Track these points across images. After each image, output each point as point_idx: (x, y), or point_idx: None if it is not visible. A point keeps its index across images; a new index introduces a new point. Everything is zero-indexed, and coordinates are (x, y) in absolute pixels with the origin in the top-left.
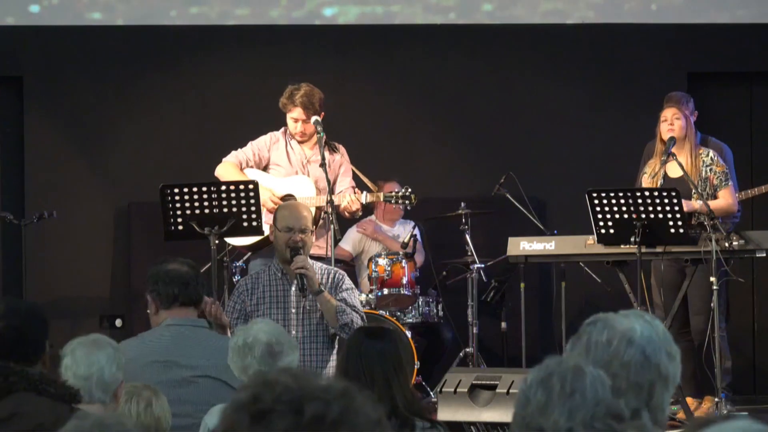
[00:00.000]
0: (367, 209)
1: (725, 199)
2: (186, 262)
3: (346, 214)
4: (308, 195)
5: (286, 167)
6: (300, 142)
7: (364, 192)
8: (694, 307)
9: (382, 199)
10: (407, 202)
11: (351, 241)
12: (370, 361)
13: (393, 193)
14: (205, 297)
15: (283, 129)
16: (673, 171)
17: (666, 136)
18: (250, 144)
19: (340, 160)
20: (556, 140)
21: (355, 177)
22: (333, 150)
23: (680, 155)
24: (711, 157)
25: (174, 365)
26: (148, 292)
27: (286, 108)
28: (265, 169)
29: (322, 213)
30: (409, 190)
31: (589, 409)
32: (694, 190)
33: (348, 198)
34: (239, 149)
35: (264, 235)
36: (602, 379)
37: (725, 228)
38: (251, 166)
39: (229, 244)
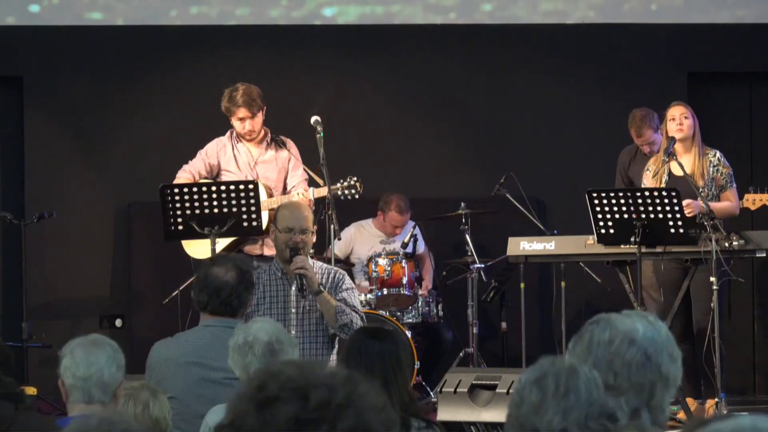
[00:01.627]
0: (368, 209)
1: (730, 200)
2: (235, 265)
3: None
4: (261, 199)
5: (235, 171)
6: (249, 141)
7: (311, 188)
8: (699, 309)
9: (328, 193)
10: (353, 191)
11: (338, 243)
12: (369, 361)
13: (339, 185)
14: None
15: (228, 133)
16: (677, 169)
17: (677, 136)
18: (198, 154)
19: (288, 155)
20: (556, 140)
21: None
22: (280, 146)
23: (687, 155)
24: (718, 158)
25: (207, 367)
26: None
27: (230, 111)
28: (217, 176)
29: (325, 213)
30: (355, 178)
31: (582, 409)
32: (697, 191)
33: (297, 196)
34: (190, 162)
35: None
36: (596, 379)
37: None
38: (204, 177)
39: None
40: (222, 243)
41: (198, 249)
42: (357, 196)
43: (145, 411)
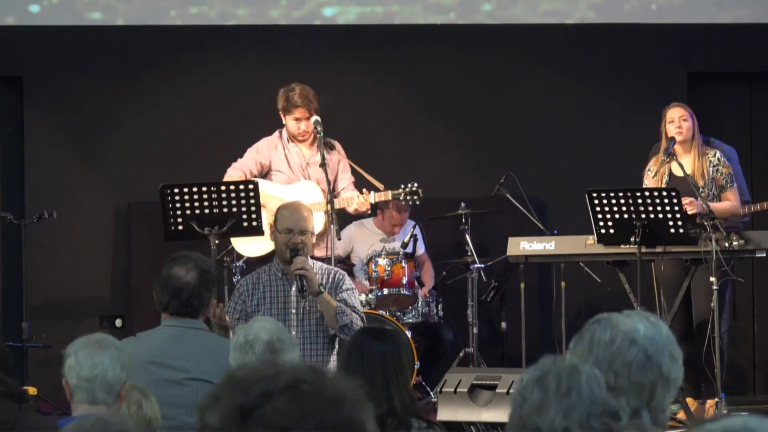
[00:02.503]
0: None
1: (730, 201)
2: (196, 266)
3: (353, 213)
4: (317, 200)
5: (287, 172)
6: (301, 141)
7: (372, 191)
8: (700, 307)
9: (390, 197)
10: (415, 197)
11: (338, 242)
12: (370, 361)
13: (401, 190)
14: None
15: (277, 133)
16: (678, 170)
17: (677, 138)
18: (248, 153)
19: (338, 157)
20: (556, 140)
21: (359, 176)
22: (330, 148)
23: (687, 156)
24: (718, 158)
25: (165, 366)
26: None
27: (287, 111)
28: (266, 176)
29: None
30: (416, 184)
31: (585, 408)
32: (697, 191)
33: (357, 200)
34: (239, 160)
35: (264, 237)
36: (598, 377)
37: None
38: (254, 176)
39: (237, 253)
40: (258, 245)
41: (249, 246)
42: (418, 203)
43: (139, 411)
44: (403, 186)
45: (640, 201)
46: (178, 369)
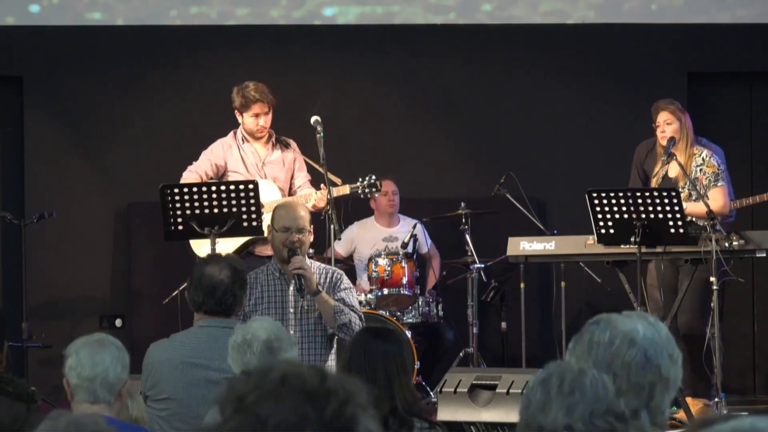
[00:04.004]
0: (367, 209)
1: (715, 200)
2: (228, 264)
3: (313, 210)
4: (274, 198)
5: (243, 172)
6: (258, 139)
7: (329, 186)
8: (682, 305)
9: (348, 191)
10: (374, 190)
11: (341, 243)
12: (373, 361)
13: (359, 183)
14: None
15: (232, 134)
16: (672, 170)
17: (661, 143)
18: (203, 155)
19: (294, 155)
20: (556, 140)
21: (317, 172)
22: (285, 146)
23: (680, 156)
24: (703, 158)
25: (203, 367)
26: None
27: (246, 107)
28: (222, 177)
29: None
30: (374, 177)
31: (588, 406)
32: (682, 190)
33: (315, 195)
34: (194, 163)
35: (260, 236)
36: (604, 380)
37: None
38: (210, 178)
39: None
40: (230, 244)
41: (203, 248)
42: (377, 195)
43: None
44: (360, 179)
45: (640, 201)
46: (217, 369)
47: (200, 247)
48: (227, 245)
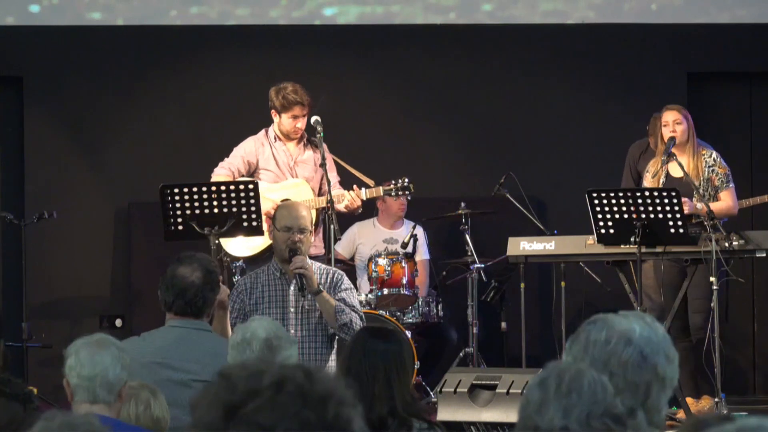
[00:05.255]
0: (368, 209)
1: (726, 201)
2: (201, 266)
3: (345, 211)
4: (308, 198)
5: (275, 171)
6: (292, 140)
7: (363, 188)
8: (694, 306)
9: (381, 193)
10: (407, 192)
11: (342, 244)
12: (373, 361)
13: (392, 186)
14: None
15: (263, 132)
16: (676, 171)
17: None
18: (235, 151)
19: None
20: (556, 140)
21: (349, 174)
22: (316, 147)
23: (682, 156)
24: (714, 159)
25: (170, 367)
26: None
27: (286, 109)
28: (253, 174)
29: (325, 213)
30: (407, 180)
31: (585, 408)
32: (695, 191)
33: (348, 196)
34: (226, 159)
35: (263, 238)
36: (603, 382)
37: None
38: (242, 175)
39: (226, 252)
40: (260, 241)
41: (237, 247)
42: (409, 198)
43: (147, 411)
44: (393, 182)
45: (640, 201)
46: (184, 370)
47: (230, 245)
48: (251, 247)
